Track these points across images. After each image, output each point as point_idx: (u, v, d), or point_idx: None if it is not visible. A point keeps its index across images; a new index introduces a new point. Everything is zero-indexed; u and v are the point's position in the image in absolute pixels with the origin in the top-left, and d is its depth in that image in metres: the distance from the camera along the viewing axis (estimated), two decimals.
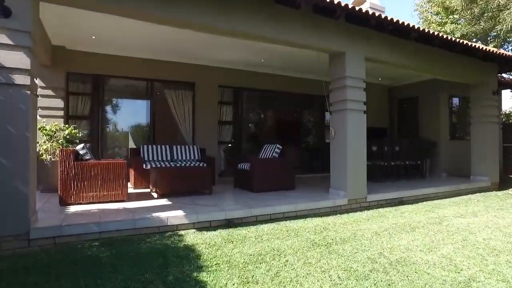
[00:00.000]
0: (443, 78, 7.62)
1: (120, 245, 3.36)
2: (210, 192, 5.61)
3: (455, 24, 13.04)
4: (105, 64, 6.96)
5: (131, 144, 7.99)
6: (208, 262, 2.96)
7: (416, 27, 5.52)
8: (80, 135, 6.06)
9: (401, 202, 6.15)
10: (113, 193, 4.68)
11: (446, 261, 3.09)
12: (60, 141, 5.67)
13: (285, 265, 2.97)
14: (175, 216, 3.95)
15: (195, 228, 4.05)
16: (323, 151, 10.18)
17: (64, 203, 4.44)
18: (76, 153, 4.63)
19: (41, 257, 3.03)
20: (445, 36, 5.93)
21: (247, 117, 9.38)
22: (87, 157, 4.70)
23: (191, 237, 3.71)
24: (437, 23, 13.68)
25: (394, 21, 5.25)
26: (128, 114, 7.73)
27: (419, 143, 8.62)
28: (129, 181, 6.30)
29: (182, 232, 3.91)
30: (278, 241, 3.64)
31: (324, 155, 10.21)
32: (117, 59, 7.05)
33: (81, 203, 4.58)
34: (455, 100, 10.19)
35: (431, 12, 14.37)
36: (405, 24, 5.38)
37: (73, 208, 4.34)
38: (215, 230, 3.99)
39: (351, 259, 3.13)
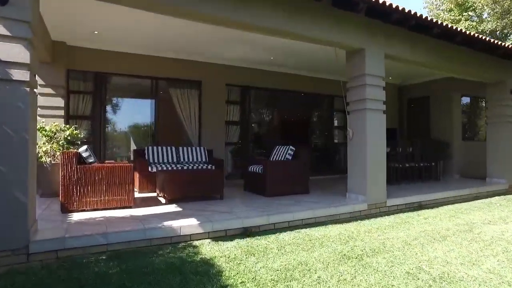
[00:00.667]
0: (460, 77, 7.33)
1: (130, 259, 3.03)
2: (221, 197, 5.28)
3: (470, 21, 12.72)
4: (108, 61, 6.61)
5: (135, 145, 7.64)
6: (232, 280, 2.63)
7: (439, 22, 5.21)
8: (82, 136, 5.71)
9: (420, 206, 5.84)
10: (118, 199, 4.33)
11: (496, 278, 2.77)
12: (60, 142, 5.32)
13: (318, 282, 2.64)
14: (189, 225, 3.62)
15: (210, 238, 3.71)
16: (331, 152, 9.88)
17: (66, 210, 4.10)
18: (79, 156, 4.29)
19: (42, 275, 2.69)
20: (468, 32, 5.63)
21: (254, 117, 9.05)
22: (90, 160, 4.35)
23: (207, 248, 3.37)
24: (450, 20, 13.28)
25: (418, 15, 4.94)
26: (132, 114, 7.39)
27: (433, 144, 8.32)
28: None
29: (196, 242, 3.58)
30: (304, 253, 3.31)
31: (333, 156, 9.93)
32: (120, 56, 6.70)
33: (84, 210, 4.24)
34: (466, 100, 9.90)
35: (442, 9, 14.00)
36: (429, 19, 5.07)
37: (76, 216, 3.99)
38: (232, 240, 3.66)
39: (389, 275, 2.80)
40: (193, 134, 7.57)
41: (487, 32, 11.91)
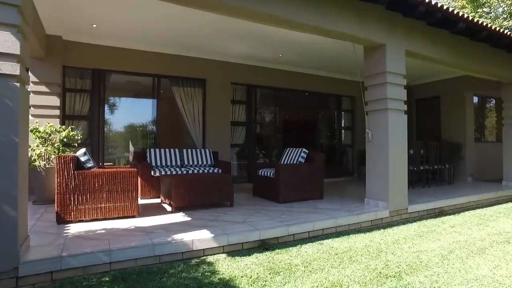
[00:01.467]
0: (478, 76, 6.99)
1: (138, 281, 2.61)
2: (231, 204, 4.88)
3: (484, 18, 12.37)
4: (107, 57, 6.18)
5: (135, 147, 7.21)
6: None
7: (465, 16, 4.87)
8: (79, 137, 5.27)
9: (441, 212, 5.49)
10: (121, 207, 3.91)
11: None
12: (56, 144, 4.88)
13: None
14: (202, 238, 3.21)
15: (225, 253, 3.31)
16: (338, 154, 9.51)
17: (62, 221, 3.67)
18: (76, 160, 3.86)
19: None
20: (494, 27, 5.29)
21: (261, 117, 8.66)
22: (89, 165, 3.93)
23: (224, 266, 2.97)
24: None
25: (445, 8, 4.59)
26: (132, 114, 6.96)
27: (445, 145, 7.99)
28: None
29: (210, 258, 3.17)
30: (334, 270, 2.92)
31: (340, 157, 9.56)
32: (120, 52, 6.27)
33: (82, 221, 3.81)
34: (475, 99, 9.60)
35: (454, 6, 13.59)
36: (455, 12, 4.73)
37: (73, 228, 3.56)
38: (250, 255, 3.26)
39: None
40: (196, 135, 7.16)
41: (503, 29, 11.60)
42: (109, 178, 3.82)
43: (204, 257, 3.20)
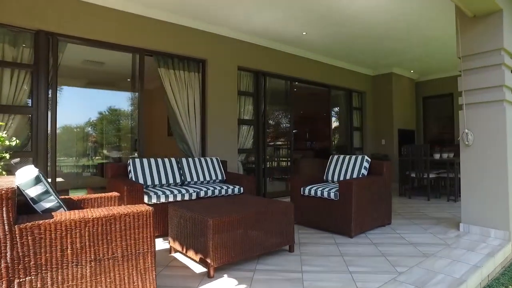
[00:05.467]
0: None
1: None
2: (291, 248, 3.04)
3: None
4: (61, 16, 3.90)
5: (107, 156, 4.93)
6: None
7: None
8: (14, 144, 2.94)
9: None
10: None
11: None
12: None
13: None
14: None
15: None
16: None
17: None
18: (16, 195, 1.72)
19: None
20: None
21: (272, 114, 6.89)
22: (48, 204, 1.81)
23: None
24: None
25: None
26: (100, 106, 4.67)
27: None
28: None
29: None
30: None
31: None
32: (81, 9, 4.04)
33: None
34: None
35: None
36: None
37: None
38: None
39: None
40: (193, 138, 5.13)
41: None
42: (99, 233, 1.76)
43: None
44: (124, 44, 4.43)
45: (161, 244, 3.35)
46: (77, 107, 5.54)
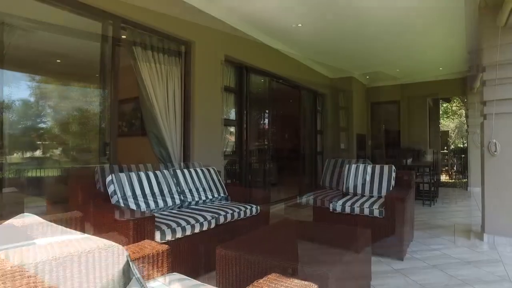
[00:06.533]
0: None
1: None
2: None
3: None
4: None
5: (68, 164, 3.46)
6: None
7: None
8: None
9: None
10: None
11: None
12: None
13: None
14: None
15: None
16: (312, 162, 7.89)
17: None
18: None
19: None
20: None
21: (252, 114, 6.05)
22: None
23: None
24: None
25: None
26: (59, 99, 3.18)
27: None
28: None
29: None
30: None
31: (314, 167, 7.91)
32: None
33: None
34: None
35: None
36: None
37: None
38: None
39: None
40: (172, 140, 4.01)
41: None
42: None
43: None
44: (92, 3, 3.10)
45: None
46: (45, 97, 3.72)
